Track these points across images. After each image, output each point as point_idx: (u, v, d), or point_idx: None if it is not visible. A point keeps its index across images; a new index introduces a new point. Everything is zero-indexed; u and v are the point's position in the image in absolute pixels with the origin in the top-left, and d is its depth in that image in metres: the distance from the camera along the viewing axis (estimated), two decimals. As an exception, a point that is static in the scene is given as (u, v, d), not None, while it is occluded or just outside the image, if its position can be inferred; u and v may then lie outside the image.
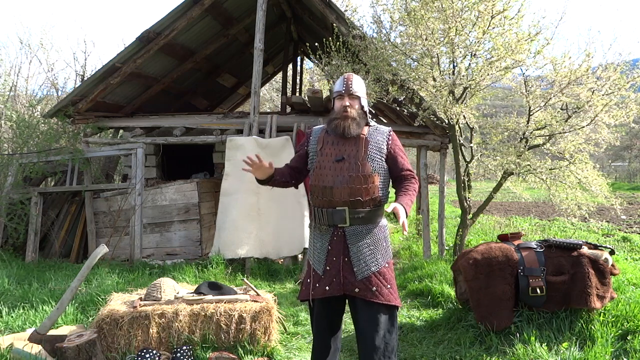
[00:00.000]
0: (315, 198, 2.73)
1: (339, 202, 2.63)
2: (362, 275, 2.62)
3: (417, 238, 8.47)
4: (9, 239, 6.81)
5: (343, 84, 2.76)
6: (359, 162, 2.65)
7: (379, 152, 2.72)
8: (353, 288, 2.61)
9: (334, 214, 2.64)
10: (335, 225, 2.66)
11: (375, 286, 2.62)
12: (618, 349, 3.39)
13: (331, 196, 2.64)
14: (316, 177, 2.72)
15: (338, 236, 2.66)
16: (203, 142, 7.28)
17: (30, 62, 17.80)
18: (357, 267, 2.63)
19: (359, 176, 2.62)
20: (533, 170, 5.75)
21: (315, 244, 2.76)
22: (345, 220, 2.63)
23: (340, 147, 2.70)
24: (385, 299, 2.62)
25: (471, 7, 5.20)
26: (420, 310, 4.71)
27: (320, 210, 2.70)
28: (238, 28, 8.28)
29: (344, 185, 2.62)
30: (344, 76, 2.80)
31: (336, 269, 2.64)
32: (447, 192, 8.08)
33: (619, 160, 36.55)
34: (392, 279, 2.72)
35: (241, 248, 6.25)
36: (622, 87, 5.25)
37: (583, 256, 3.70)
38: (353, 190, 2.61)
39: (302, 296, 2.80)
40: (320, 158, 2.73)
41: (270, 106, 18.47)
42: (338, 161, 2.67)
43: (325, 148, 2.74)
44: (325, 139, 2.77)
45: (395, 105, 6.45)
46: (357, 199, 2.62)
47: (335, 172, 2.65)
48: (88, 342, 3.18)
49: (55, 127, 7.42)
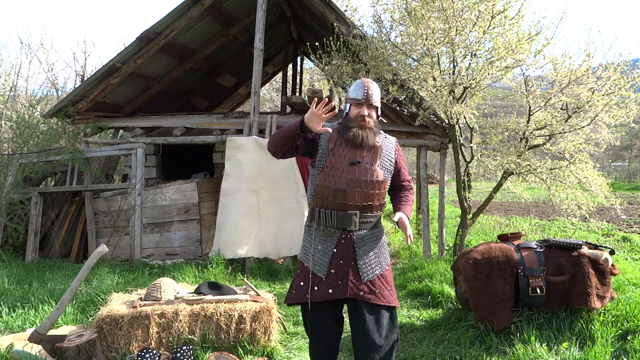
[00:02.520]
0: (324, 200, 2.65)
1: (351, 206, 2.61)
2: (367, 278, 2.64)
3: (417, 238, 8.47)
4: (9, 239, 6.81)
5: (363, 92, 2.66)
6: (374, 167, 2.65)
7: (389, 161, 2.76)
8: (358, 291, 2.62)
9: (345, 218, 2.62)
10: (344, 228, 2.64)
11: (379, 288, 2.65)
12: (618, 349, 3.39)
13: (344, 199, 2.60)
14: (326, 177, 2.64)
15: (346, 239, 2.64)
16: (203, 142, 7.28)
17: (30, 62, 17.85)
18: (363, 271, 2.64)
19: (373, 181, 2.63)
20: (533, 170, 5.75)
21: (316, 247, 2.69)
22: (355, 225, 2.63)
23: (355, 151, 2.66)
24: (386, 300, 2.65)
25: (472, 7, 5.20)
26: (420, 310, 4.71)
27: (328, 213, 2.64)
28: (238, 28, 8.28)
29: (357, 189, 2.60)
30: (364, 84, 2.69)
31: (343, 272, 2.63)
32: (447, 192, 8.07)
33: (619, 160, 36.54)
34: (392, 280, 2.78)
35: (241, 248, 6.25)
36: (622, 87, 5.25)
37: (583, 256, 3.70)
38: (366, 195, 2.62)
39: (293, 299, 2.73)
40: (332, 158, 2.65)
41: (270, 106, 18.46)
42: (352, 164, 2.62)
43: (338, 149, 2.66)
44: (338, 140, 2.69)
45: (395, 105, 6.44)
46: (368, 204, 2.63)
47: (349, 175, 2.61)
48: (88, 342, 3.18)
49: (55, 127, 7.42)
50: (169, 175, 8.45)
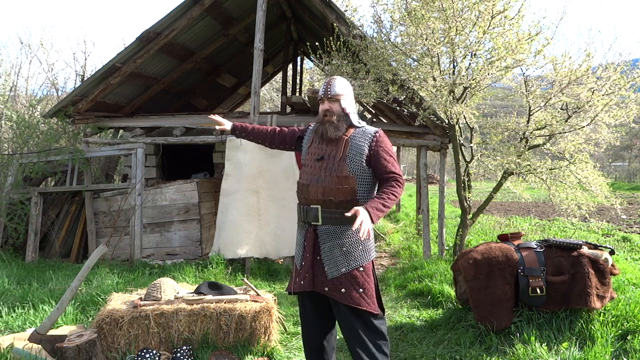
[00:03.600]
0: (298, 195, 2.86)
1: (313, 200, 2.71)
2: (331, 274, 2.66)
3: (417, 238, 8.47)
4: (9, 239, 6.81)
5: (322, 88, 2.83)
6: (336, 162, 2.69)
7: (359, 154, 2.69)
8: (323, 287, 2.67)
9: (308, 212, 2.73)
10: (309, 222, 2.73)
11: (345, 288, 2.63)
12: (618, 349, 3.39)
13: (307, 194, 2.74)
14: (300, 174, 2.86)
15: (311, 233, 2.73)
16: (203, 142, 7.28)
17: (30, 62, 17.83)
18: (328, 267, 2.67)
19: (334, 177, 2.67)
20: (533, 170, 5.75)
21: (297, 239, 2.87)
22: (317, 219, 2.69)
23: (323, 147, 2.78)
24: (354, 302, 2.61)
25: (472, 7, 5.20)
26: (420, 310, 4.71)
27: (299, 207, 2.82)
28: (238, 28, 8.28)
29: (318, 183, 2.69)
30: (325, 81, 2.87)
31: (308, 265, 2.71)
32: (447, 192, 8.08)
33: (619, 160, 36.55)
34: (365, 283, 2.66)
35: (241, 248, 6.25)
36: (622, 87, 5.25)
37: (583, 256, 3.70)
38: (326, 190, 2.67)
39: (287, 288, 2.95)
40: (307, 156, 2.86)
41: (270, 106, 18.47)
42: (318, 160, 2.76)
43: (312, 147, 2.84)
44: (314, 138, 2.87)
45: (395, 105, 6.45)
46: (329, 199, 2.66)
47: (314, 170, 2.75)
48: (88, 342, 3.18)
49: (55, 127, 7.42)
50: (169, 175, 8.45)
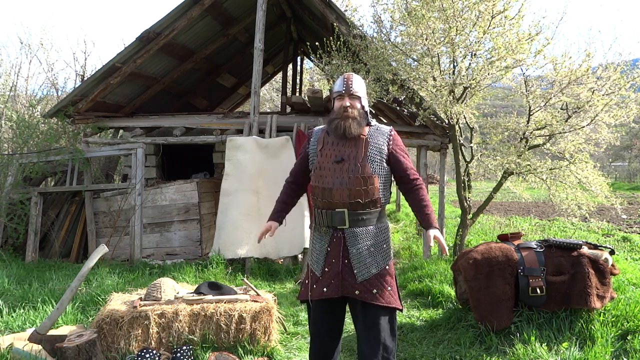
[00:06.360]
0: (316, 199, 2.72)
1: (338, 204, 2.62)
2: (362, 277, 2.60)
3: (417, 238, 8.47)
4: (9, 239, 6.81)
5: (343, 84, 2.73)
6: (358, 163, 2.62)
7: (380, 153, 2.68)
8: (353, 290, 2.60)
9: (334, 216, 2.63)
10: (334, 227, 2.65)
11: (376, 288, 2.60)
12: (618, 349, 3.39)
13: (330, 198, 2.63)
14: (316, 178, 2.71)
15: (337, 238, 2.64)
16: (203, 142, 7.28)
17: (30, 62, 17.78)
18: (358, 269, 2.60)
19: (359, 178, 2.60)
20: (533, 170, 5.75)
21: (314, 245, 2.75)
22: (344, 222, 2.62)
23: (340, 148, 2.67)
24: (385, 301, 2.60)
25: (472, 7, 5.20)
26: (420, 310, 4.71)
27: (320, 212, 2.69)
28: (238, 28, 8.28)
29: (343, 186, 2.60)
30: (344, 76, 2.77)
31: (335, 270, 2.62)
32: (447, 192, 8.07)
33: (619, 160, 36.55)
34: (392, 281, 2.69)
35: (241, 248, 6.25)
36: (622, 87, 5.24)
37: (583, 256, 3.70)
38: (352, 192, 2.60)
39: (301, 296, 2.80)
40: (321, 159, 2.71)
41: (270, 106, 18.47)
42: (338, 162, 2.65)
43: (326, 149, 2.71)
44: (325, 140, 2.75)
45: (395, 105, 6.44)
46: (356, 201, 2.60)
47: (335, 173, 2.64)
48: (88, 342, 3.18)
49: (55, 127, 7.42)
50: (169, 175, 8.45)
